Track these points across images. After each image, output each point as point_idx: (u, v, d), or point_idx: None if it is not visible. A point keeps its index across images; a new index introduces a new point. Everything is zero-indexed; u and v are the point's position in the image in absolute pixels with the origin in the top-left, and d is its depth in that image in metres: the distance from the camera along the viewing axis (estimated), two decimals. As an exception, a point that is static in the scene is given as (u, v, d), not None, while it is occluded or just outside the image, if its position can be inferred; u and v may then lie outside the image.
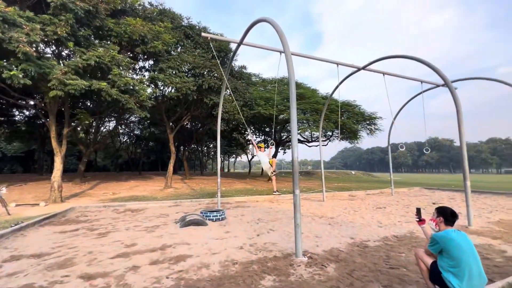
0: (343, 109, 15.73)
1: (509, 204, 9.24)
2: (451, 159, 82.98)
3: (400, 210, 8.02)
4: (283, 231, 5.31)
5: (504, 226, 5.81)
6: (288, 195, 11.68)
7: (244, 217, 6.85)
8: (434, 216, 2.65)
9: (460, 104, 5.95)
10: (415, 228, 5.55)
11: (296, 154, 3.92)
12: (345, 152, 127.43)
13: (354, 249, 4.19)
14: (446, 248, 2.39)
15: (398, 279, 3.09)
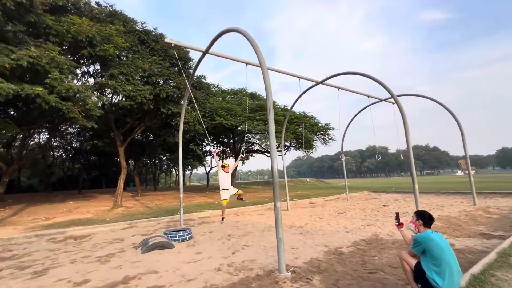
0: (301, 121, 16.61)
1: (439, 201, 10.82)
2: (386, 164, 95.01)
3: (359, 214, 8.62)
4: (259, 246, 5.12)
5: (443, 222, 6.71)
6: (252, 207, 11.52)
7: (213, 234, 6.42)
8: (414, 219, 2.85)
9: (405, 115, 6.79)
10: (377, 231, 5.99)
11: (275, 165, 3.86)
12: (298, 161, 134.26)
13: (332, 258, 4.25)
14: (428, 248, 2.57)
15: (380, 283, 3.20)
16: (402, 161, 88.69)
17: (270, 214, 9.52)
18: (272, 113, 3.97)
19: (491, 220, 6.60)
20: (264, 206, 12.03)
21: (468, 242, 4.72)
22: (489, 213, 7.65)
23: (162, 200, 15.97)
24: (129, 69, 10.36)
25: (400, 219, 3.16)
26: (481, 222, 6.46)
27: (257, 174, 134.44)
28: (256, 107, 15.89)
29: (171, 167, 53.70)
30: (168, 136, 27.31)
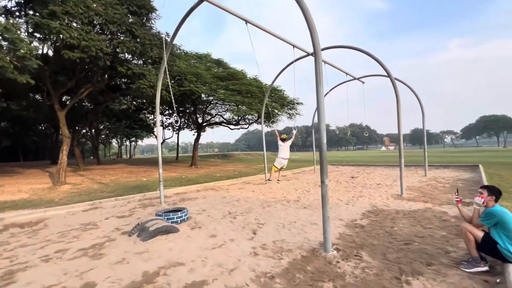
0: (272, 94, 16.19)
1: (396, 173, 12.31)
2: (328, 140, 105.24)
3: (339, 186, 9.15)
4: (274, 224, 4.83)
5: (415, 191, 7.59)
6: (226, 181, 11.08)
7: (210, 213, 5.83)
8: (484, 194, 2.92)
9: (399, 98, 7.11)
10: (373, 203, 6.39)
11: (324, 139, 3.45)
12: (248, 135, 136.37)
13: (357, 231, 4.29)
14: (503, 220, 2.68)
15: (424, 253, 3.32)
16: (340, 137, 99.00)
17: (253, 188, 9.29)
18: (322, 82, 3.45)
19: (449, 188, 7.80)
20: (238, 180, 11.71)
21: (455, 210, 5.40)
22: (441, 182, 9.06)
23: (115, 175, 14.03)
24: (76, 9, 7.93)
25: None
26: (443, 190, 7.57)
27: (206, 147, 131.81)
28: (227, 76, 14.66)
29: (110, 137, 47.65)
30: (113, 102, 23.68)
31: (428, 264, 3.03)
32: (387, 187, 8.55)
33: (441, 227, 4.33)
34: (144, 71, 10.29)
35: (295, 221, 4.93)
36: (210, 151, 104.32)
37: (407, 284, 2.65)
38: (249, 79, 15.29)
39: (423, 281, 2.68)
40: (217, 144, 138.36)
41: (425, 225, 4.45)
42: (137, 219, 5.46)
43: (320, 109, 3.45)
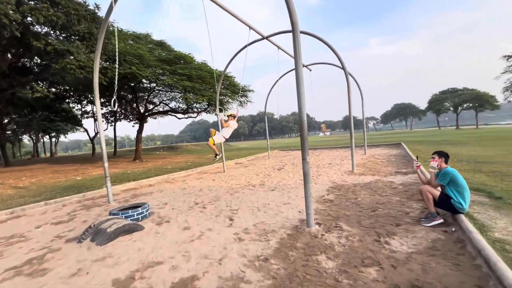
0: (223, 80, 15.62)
1: (342, 154, 13.64)
2: (273, 128, 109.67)
3: (296, 168, 9.58)
4: (248, 208, 4.71)
5: (363, 167, 8.52)
6: (181, 172, 10.38)
7: (174, 205, 5.32)
8: (436, 158, 3.36)
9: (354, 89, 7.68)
10: (331, 179, 6.87)
11: (304, 117, 3.42)
12: (193, 125, 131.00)
13: (329, 205, 4.53)
14: (455, 178, 3.15)
15: (391, 217, 3.71)
16: (284, 125, 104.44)
17: (212, 177, 8.93)
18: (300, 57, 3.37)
19: (386, 163, 9.04)
20: (194, 170, 11.11)
21: (398, 179, 6.27)
22: (379, 158, 10.44)
23: (36, 177, 11.57)
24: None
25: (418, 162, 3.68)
26: (383, 165, 8.73)
27: (147, 140, 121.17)
28: (174, 59, 13.38)
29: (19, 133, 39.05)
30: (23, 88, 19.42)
31: (397, 225, 3.40)
32: (338, 165, 9.37)
33: (394, 194, 4.95)
34: (71, 47, 8.51)
35: (268, 203, 4.91)
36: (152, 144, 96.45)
37: (387, 244, 2.91)
38: (198, 64, 14.35)
39: (398, 240, 2.98)
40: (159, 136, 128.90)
41: (381, 194, 5.01)
42: (83, 223, 4.58)
43: (299, 84, 3.39)
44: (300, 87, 3.38)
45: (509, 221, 3.10)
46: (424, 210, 3.84)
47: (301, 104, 3.40)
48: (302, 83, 3.40)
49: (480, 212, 3.46)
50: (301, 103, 3.40)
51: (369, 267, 2.47)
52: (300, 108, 3.41)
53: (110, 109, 22.50)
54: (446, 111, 59.25)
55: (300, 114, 3.42)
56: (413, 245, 2.82)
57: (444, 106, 57.42)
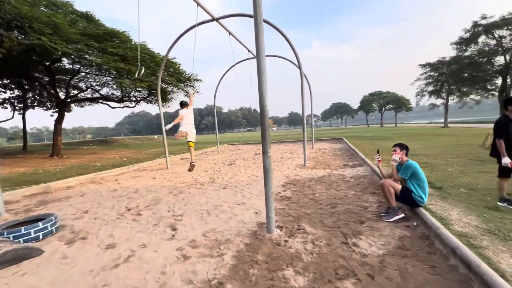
0: (167, 66, 13.89)
1: (292, 148, 13.80)
2: (221, 122, 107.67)
3: (247, 163, 9.10)
4: (195, 212, 3.95)
5: (314, 161, 8.59)
6: (114, 170, 8.77)
7: (98, 213, 4.15)
8: (398, 150, 3.22)
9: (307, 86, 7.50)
10: (286, 174, 6.59)
11: (266, 104, 2.85)
12: (133, 118, 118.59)
13: (287, 203, 4.13)
14: (416, 171, 3.06)
15: (352, 213, 3.51)
16: (233, 119, 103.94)
17: (152, 175, 7.72)
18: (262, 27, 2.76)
19: (333, 156, 9.35)
20: (129, 167, 9.57)
21: (348, 172, 6.37)
22: (325, 152, 10.82)
23: None
24: None
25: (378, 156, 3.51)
26: (331, 158, 8.98)
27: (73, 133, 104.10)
28: (104, 35, 11.12)
29: None
30: None
31: (361, 222, 3.18)
32: (289, 159, 9.27)
33: (348, 187, 4.88)
34: None
35: (219, 205, 4.23)
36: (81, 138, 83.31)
37: (356, 246, 2.61)
38: (136, 44, 12.36)
39: (366, 240, 2.72)
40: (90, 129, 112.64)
41: (336, 188, 4.89)
42: None
43: (261, 65, 2.79)
44: (262, 68, 2.79)
45: (460, 212, 3.19)
46: (381, 204, 3.78)
47: (263, 88, 2.81)
48: (264, 67, 2.81)
49: (432, 203, 3.53)
50: (262, 87, 2.81)
51: (344, 279, 2.07)
52: (261, 93, 2.82)
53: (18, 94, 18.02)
54: (373, 110, 68.02)
55: (262, 101, 2.83)
56: (382, 245, 2.58)
57: (372, 106, 65.77)
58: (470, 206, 3.40)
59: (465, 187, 4.45)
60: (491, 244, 2.33)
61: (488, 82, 20.17)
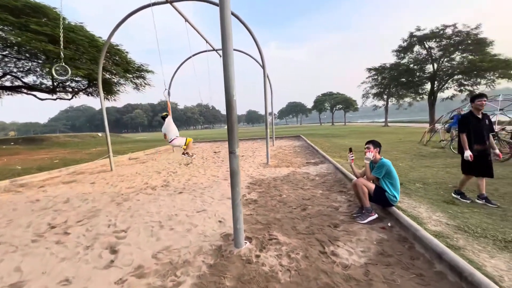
0: (111, 53, 12.08)
1: (252, 145, 13.46)
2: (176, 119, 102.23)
3: (206, 162, 8.43)
4: (144, 225, 3.24)
5: (276, 158, 8.38)
6: (40, 175, 7.19)
7: (4, 235, 3.10)
8: (371, 148, 3.06)
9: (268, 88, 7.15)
10: (248, 174, 6.18)
11: (233, 95, 2.35)
12: (72, 112, 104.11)
13: (254, 208, 3.71)
14: (390, 170, 2.93)
15: (324, 215, 3.27)
16: (189, 116, 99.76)
17: (92, 179, 6.50)
18: None
19: (294, 154, 9.32)
20: (62, 171, 8.01)
21: (312, 170, 6.28)
22: (286, 149, 10.78)
23: None
24: None
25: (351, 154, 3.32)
26: (293, 155, 8.92)
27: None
28: (24, 8, 8.96)
29: None
30: None
31: (335, 226, 2.94)
32: (251, 157, 8.90)
33: (315, 186, 4.71)
34: None
35: (175, 214, 3.58)
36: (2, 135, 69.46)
37: (335, 256, 2.33)
38: (70, 24, 10.39)
39: (344, 247, 2.47)
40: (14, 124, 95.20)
41: (303, 187, 4.67)
42: None
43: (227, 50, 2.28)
44: (228, 48, 2.28)
45: (428, 208, 3.20)
46: (351, 203, 3.64)
47: (229, 73, 2.31)
48: (231, 46, 2.30)
49: (400, 201, 3.52)
50: (229, 72, 2.31)
51: (331, 303, 1.74)
52: (228, 80, 2.32)
53: None
54: (325, 110, 72.73)
55: (228, 90, 2.33)
56: (362, 252, 2.35)
57: (324, 106, 70.27)
58: (433, 202, 3.48)
59: (419, 182, 4.66)
60: (467, 243, 2.29)
61: (419, 87, 23.10)
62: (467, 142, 3.43)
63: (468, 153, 3.35)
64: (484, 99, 3.30)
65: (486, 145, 3.34)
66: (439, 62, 20.74)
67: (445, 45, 20.04)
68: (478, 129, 3.38)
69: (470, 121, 3.44)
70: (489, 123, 3.40)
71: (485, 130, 3.33)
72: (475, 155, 3.43)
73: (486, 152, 3.36)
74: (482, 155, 3.38)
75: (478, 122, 3.38)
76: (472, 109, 3.45)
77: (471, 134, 3.44)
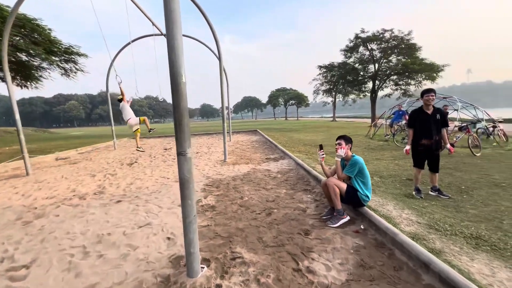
0: (23, 26, 9.63)
1: (207, 141, 12.60)
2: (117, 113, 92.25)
3: (155, 161, 7.42)
4: (57, 255, 2.38)
5: (234, 155, 7.86)
6: None
7: None
8: (343, 144, 2.77)
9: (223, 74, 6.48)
10: (204, 173, 5.52)
11: (182, 73, 1.72)
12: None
13: (212, 216, 3.14)
14: (362, 167, 2.69)
15: (293, 220, 2.91)
16: (136, 109, 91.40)
17: None
18: None
19: (253, 149, 8.94)
20: None
21: (273, 166, 5.95)
22: (244, 144, 10.34)
23: None
24: None
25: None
26: (251, 151, 8.51)
27: None
28: None
29: None
30: None
31: (305, 233, 2.59)
32: (206, 154, 8.19)
33: (278, 185, 4.37)
34: None
35: (108, 233, 2.78)
36: None
37: (311, 273, 1.96)
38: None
39: (320, 260, 2.12)
40: None
41: (265, 187, 4.28)
42: None
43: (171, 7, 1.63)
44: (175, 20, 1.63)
45: (395, 205, 3.11)
46: (318, 204, 3.38)
47: (176, 45, 1.67)
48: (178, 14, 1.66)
49: (366, 198, 3.38)
50: (175, 42, 1.67)
51: None
52: (172, 54, 1.68)
53: None
54: (279, 105, 74.86)
55: (175, 70, 1.69)
56: (341, 265, 2.03)
57: (278, 101, 72.22)
58: (396, 197, 3.44)
59: (376, 175, 4.72)
60: (444, 245, 2.16)
61: (363, 85, 25.23)
62: (411, 136, 3.50)
63: (406, 147, 3.47)
64: (432, 94, 3.35)
65: (433, 140, 3.40)
66: (379, 63, 22.86)
67: (384, 47, 22.14)
68: (425, 124, 3.43)
69: (417, 116, 3.49)
70: (440, 117, 3.44)
71: (435, 125, 3.38)
72: (421, 149, 3.50)
73: (432, 147, 3.42)
74: (428, 149, 3.45)
75: (426, 117, 3.43)
76: (423, 104, 3.50)
77: (418, 129, 3.49)
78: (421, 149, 3.47)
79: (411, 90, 22.36)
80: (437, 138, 3.43)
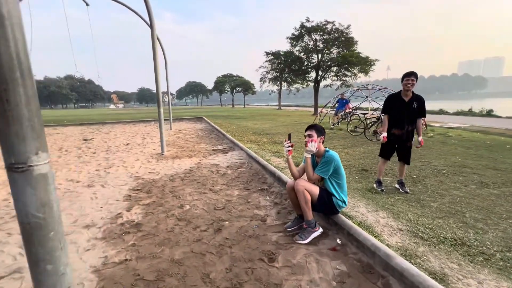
0: None
1: (145, 129, 10.77)
2: (31, 95, 75.10)
3: (68, 156, 5.67)
4: None
5: (174, 146, 6.67)
6: None
7: None
8: (314, 136, 2.11)
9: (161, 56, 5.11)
10: (130, 172, 4.31)
11: None
12: None
13: (134, 242, 2.16)
14: (338, 165, 2.11)
15: (251, 239, 2.18)
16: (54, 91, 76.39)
17: None
18: None
19: (197, 139, 7.87)
20: None
21: (221, 160, 5.10)
22: (187, 134, 9.11)
23: None
24: None
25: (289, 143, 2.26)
26: (195, 141, 7.44)
27: None
28: None
29: None
30: None
31: (270, 258, 1.90)
32: (139, 146, 6.76)
33: (228, 185, 3.58)
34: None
35: None
36: None
37: (287, 337, 1.27)
38: None
39: (295, 307, 1.45)
40: None
41: (213, 189, 3.44)
42: None
43: None
44: None
45: (367, 206, 2.68)
46: (279, 209, 2.74)
47: None
48: None
49: (333, 198, 2.89)
50: None
51: None
52: None
53: None
54: (226, 92, 73.00)
55: None
56: (324, 313, 1.41)
57: (225, 88, 70.25)
58: (362, 194, 3.07)
59: (333, 167, 4.39)
60: (441, 262, 1.75)
61: (307, 75, 26.12)
62: (387, 124, 3.19)
63: (383, 135, 3.16)
64: (412, 78, 2.99)
65: (404, 131, 3.14)
66: (322, 54, 23.83)
67: (326, 39, 23.09)
68: (398, 113, 3.13)
69: (393, 103, 3.16)
70: (418, 106, 3.07)
71: (409, 114, 3.09)
72: (391, 139, 3.23)
73: (403, 137, 3.16)
74: (398, 139, 3.20)
75: (401, 105, 3.11)
76: (401, 90, 3.16)
77: (391, 117, 3.19)
78: (391, 138, 3.17)
79: (348, 81, 24.15)
80: (410, 128, 3.13)
